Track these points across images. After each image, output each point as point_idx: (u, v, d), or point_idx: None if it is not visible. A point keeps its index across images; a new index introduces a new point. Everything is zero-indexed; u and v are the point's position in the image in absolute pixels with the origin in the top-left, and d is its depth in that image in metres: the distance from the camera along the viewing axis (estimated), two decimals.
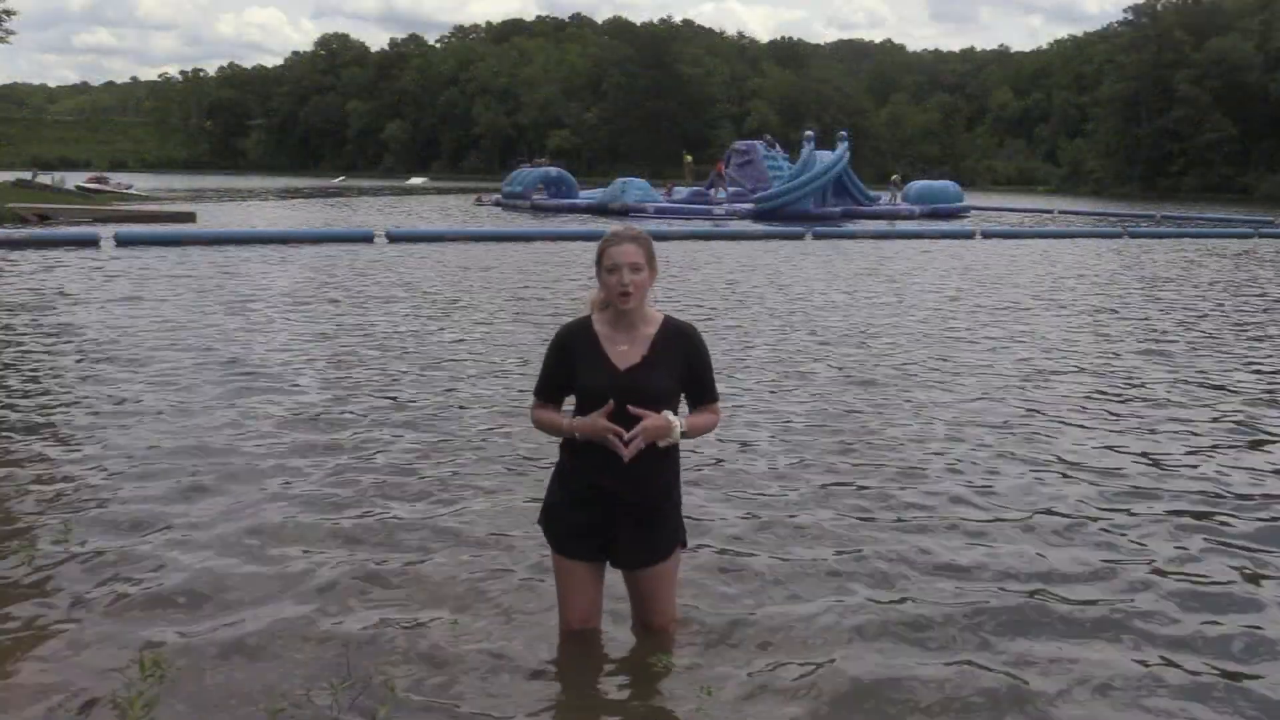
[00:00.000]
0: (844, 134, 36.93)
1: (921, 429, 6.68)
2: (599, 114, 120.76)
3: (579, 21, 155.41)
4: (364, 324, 10.66)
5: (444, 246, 20.89)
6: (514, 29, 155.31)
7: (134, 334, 9.75)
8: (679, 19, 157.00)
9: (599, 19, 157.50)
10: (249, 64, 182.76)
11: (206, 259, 17.18)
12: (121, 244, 19.29)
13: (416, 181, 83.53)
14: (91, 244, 19.33)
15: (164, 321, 10.51)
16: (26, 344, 9.21)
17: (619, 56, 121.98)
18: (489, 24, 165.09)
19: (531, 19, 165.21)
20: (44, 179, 42.45)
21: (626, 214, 32.79)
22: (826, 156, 34.84)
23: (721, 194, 36.17)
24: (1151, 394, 7.95)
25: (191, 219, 27.59)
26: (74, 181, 46.23)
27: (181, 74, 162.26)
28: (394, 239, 21.65)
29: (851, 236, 26.22)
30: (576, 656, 3.45)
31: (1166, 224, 35.20)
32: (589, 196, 37.68)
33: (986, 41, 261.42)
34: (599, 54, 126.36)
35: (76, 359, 8.52)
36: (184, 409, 6.81)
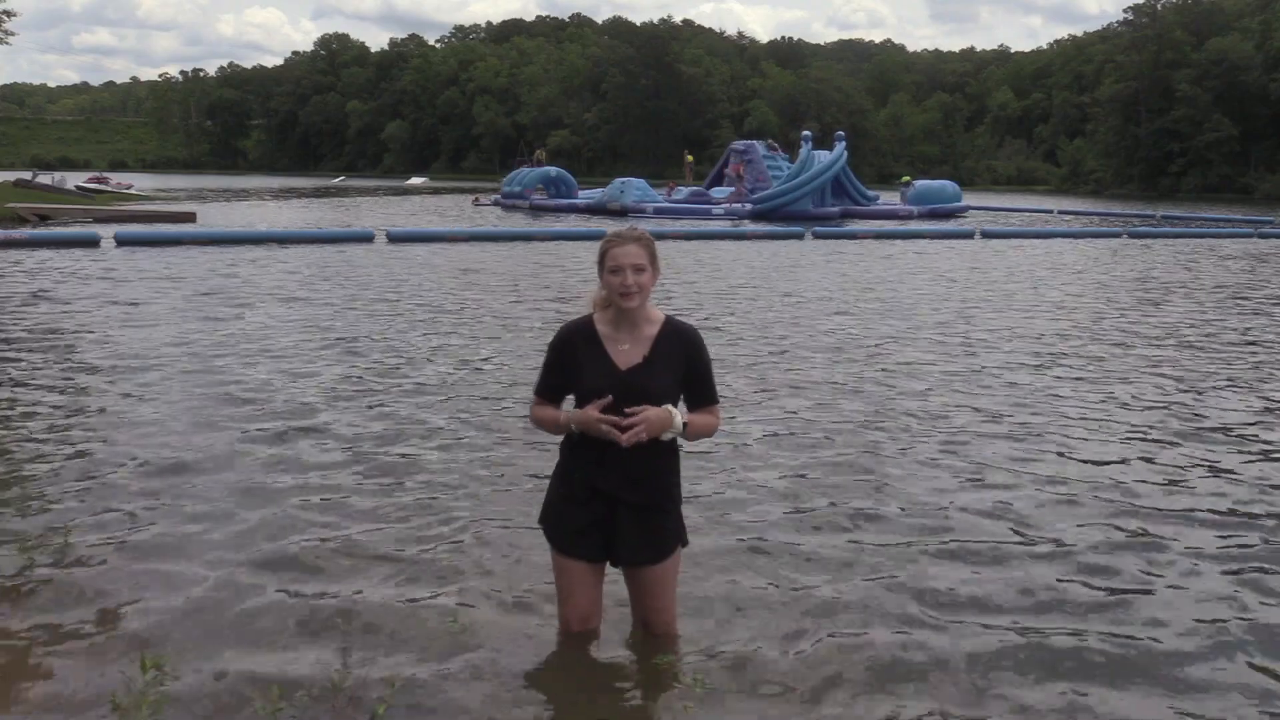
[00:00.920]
0: (840, 135, 36.98)
1: (918, 434, 6.67)
2: (599, 114, 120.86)
3: (579, 21, 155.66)
4: (364, 324, 10.66)
5: (444, 247, 20.92)
6: (514, 29, 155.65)
7: (134, 335, 9.74)
8: (679, 19, 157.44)
9: (599, 19, 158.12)
10: (249, 64, 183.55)
11: (207, 259, 17.19)
12: (121, 244, 19.33)
13: (416, 182, 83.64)
14: (92, 244, 19.36)
15: (164, 322, 10.51)
16: (27, 344, 9.21)
17: (619, 56, 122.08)
18: (489, 24, 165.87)
19: (531, 19, 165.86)
20: (44, 179, 42.47)
21: (625, 214, 32.81)
22: (824, 157, 34.89)
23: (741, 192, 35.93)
24: (1152, 394, 7.95)
25: (192, 219, 27.64)
26: (74, 181, 46.33)
27: (181, 74, 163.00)
28: (394, 239, 21.68)
29: (851, 236, 26.25)
30: (576, 657, 3.45)
31: (1166, 224, 35.22)
32: (588, 196, 37.71)
33: (986, 41, 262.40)
34: (599, 54, 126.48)
35: (74, 361, 8.52)
36: (184, 409, 6.81)
